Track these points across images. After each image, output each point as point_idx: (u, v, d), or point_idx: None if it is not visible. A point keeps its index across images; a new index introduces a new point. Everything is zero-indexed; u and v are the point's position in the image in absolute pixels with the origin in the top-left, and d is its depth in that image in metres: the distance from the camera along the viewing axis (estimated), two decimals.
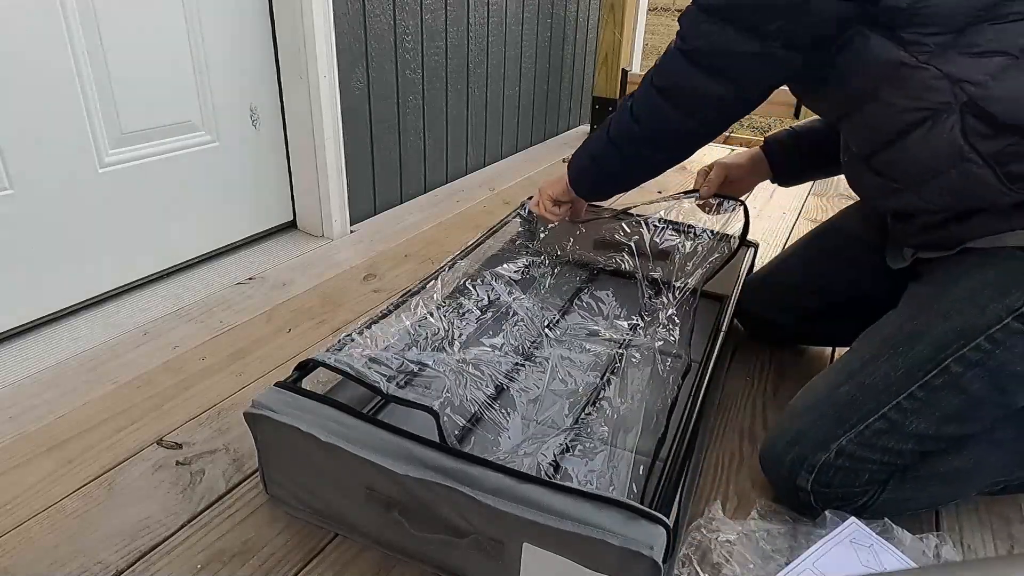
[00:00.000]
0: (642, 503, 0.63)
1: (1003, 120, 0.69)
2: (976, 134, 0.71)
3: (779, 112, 2.38)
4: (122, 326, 1.18)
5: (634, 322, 1.10)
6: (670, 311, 1.07)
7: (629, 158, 0.94)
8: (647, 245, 1.26)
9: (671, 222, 1.25)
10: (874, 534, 0.75)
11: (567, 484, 0.64)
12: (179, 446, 0.90)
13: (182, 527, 0.77)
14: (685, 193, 1.19)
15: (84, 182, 1.17)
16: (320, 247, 1.54)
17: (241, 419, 0.95)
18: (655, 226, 1.25)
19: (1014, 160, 0.70)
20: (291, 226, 1.63)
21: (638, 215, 1.30)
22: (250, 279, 1.38)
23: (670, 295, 1.10)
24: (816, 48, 0.76)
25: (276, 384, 0.77)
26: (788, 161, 1.14)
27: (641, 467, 0.87)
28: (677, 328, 1.03)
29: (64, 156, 1.13)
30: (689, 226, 1.24)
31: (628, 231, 1.30)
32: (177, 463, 0.87)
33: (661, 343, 1.02)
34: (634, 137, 0.90)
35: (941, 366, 0.74)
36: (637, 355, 1.02)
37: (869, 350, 0.81)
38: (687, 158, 0.92)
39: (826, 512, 0.78)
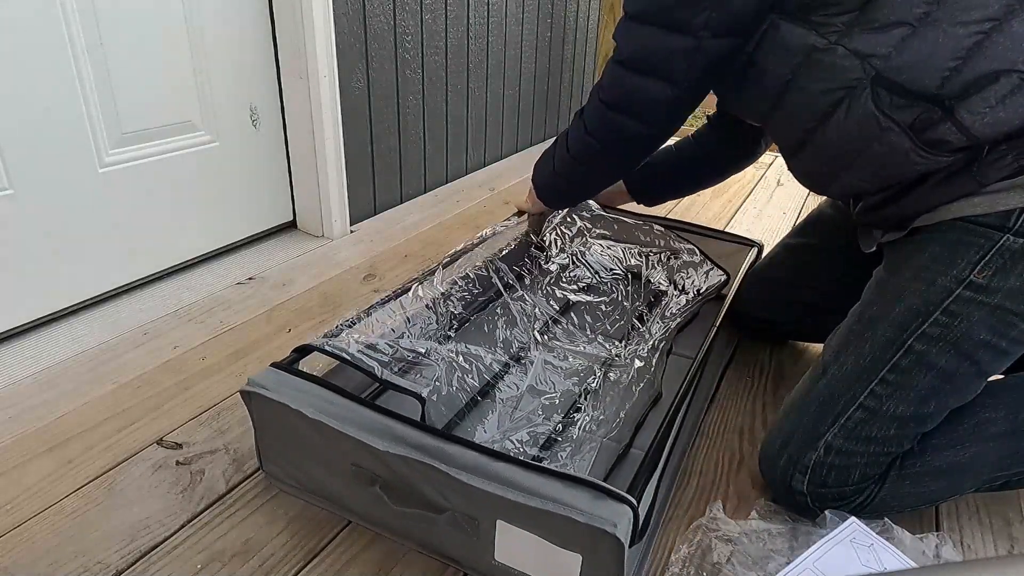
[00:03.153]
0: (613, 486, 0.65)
1: (910, 88, 0.71)
2: (890, 105, 0.72)
3: None
4: (122, 326, 1.18)
5: (617, 344, 1.14)
6: (651, 343, 1.11)
7: (590, 169, 1.00)
8: (641, 277, 1.30)
9: (668, 253, 1.30)
10: (874, 534, 0.75)
11: (539, 463, 0.66)
12: (179, 446, 0.90)
13: (182, 527, 0.77)
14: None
15: (84, 182, 1.17)
16: (320, 247, 1.54)
17: (241, 419, 0.95)
18: (652, 265, 1.31)
19: (929, 126, 0.71)
20: (291, 226, 1.63)
21: (637, 222, 1.32)
22: (250, 279, 1.38)
23: (654, 326, 1.14)
24: (740, 35, 0.79)
25: (272, 364, 0.79)
26: (643, 184, 1.26)
27: (606, 454, 0.89)
28: (655, 357, 1.07)
29: (64, 156, 1.13)
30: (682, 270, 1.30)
31: (627, 249, 1.34)
32: (177, 463, 0.87)
33: (640, 364, 1.06)
34: (592, 151, 0.96)
35: (905, 347, 0.75)
36: (613, 375, 1.05)
37: (838, 342, 0.82)
38: (645, 159, 0.98)
39: (826, 512, 0.78)
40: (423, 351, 0.95)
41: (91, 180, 1.18)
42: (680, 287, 1.26)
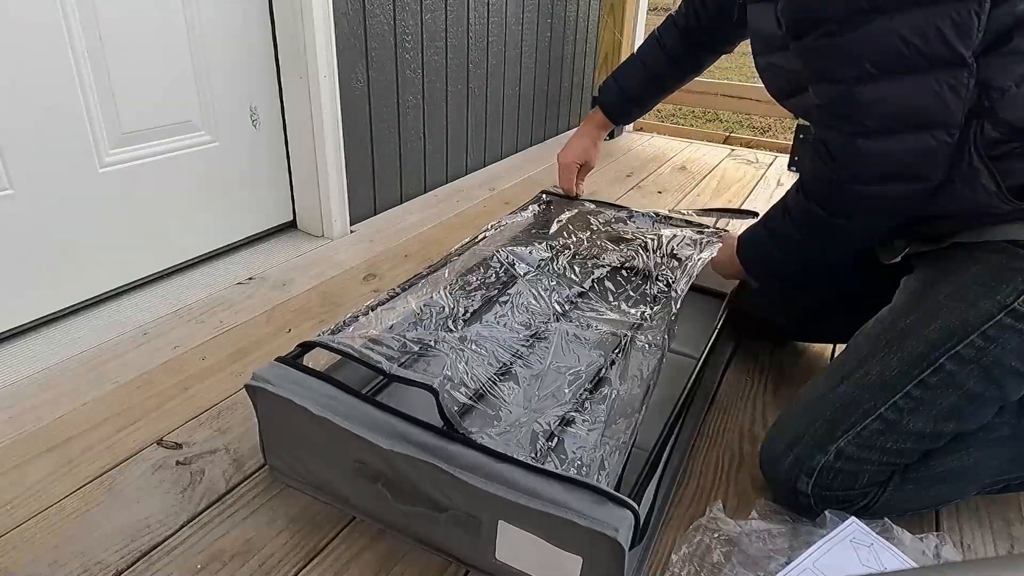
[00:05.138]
0: (618, 489, 0.65)
1: (1019, 126, 0.70)
2: (986, 142, 0.71)
3: (780, 112, 2.38)
4: (122, 326, 1.18)
5: (642, 310, 1.10)
6: (675, 307, 1.07)
7: (836, 244, 0.88)
8: (663, 248, 1.26)
9: (690, 223, 1.26)
10: (874, 534, 0.75)
11: (541, 465, 0.66)
12: (179, 446, 0.90)
13: (182, 527, 0.77)
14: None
15: (84, 182, 1.17)
16: (320, 247, 1.54)
17: (241, 419, 0.95)
18: (673, 233, 1.26)
19: (1013, 158, 0.70)
20: (291, 226, 1.63)
21: (659, 215, 1.31)
22: (250, 279, 1.38)
23: (677, 289, 1.10)
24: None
25: (276, 359, 0.79)
26: (621, 112, 1.30)
27: (620, 454, 0.87)
28: (667, 327, 1.04)
29: (64, 156, 1.13)
30: (701, 226, 1.25)
31: (644, 231, 1.31)
32: (177, 463, 0.87)
33: (652, 334, 1.03)
34: (844, 230, 0.84)
35: (936, 364, 0.74)
36: (642, 339, 1.02)
37: (863, 350, 0.81)
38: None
39: (826, 512, 0.77)
40: (431, 342, 0.92)
41: (91, 180, 1.18)
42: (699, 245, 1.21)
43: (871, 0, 0.68)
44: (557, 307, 1.10)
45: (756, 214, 1.27)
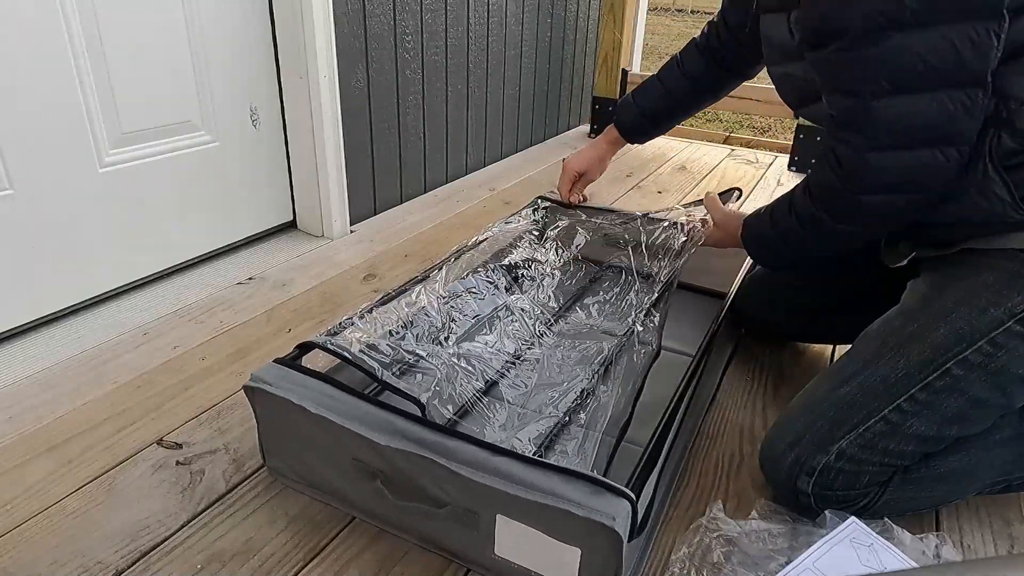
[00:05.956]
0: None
1: None
2: (1003, 153, 0.71)
3: (780, 112, 2.38)
4: (122, 326, 1.18)
5: (629, 319, 1.11)
6: (653, 300, 1.07)
7: (831, 246, 0.88)
8: (650, 244, 1.26)
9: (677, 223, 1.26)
10: (874, 534, 0.75)
11: (538, 458, 0.66)
12: (179, 446, 0.90)
13: (182, 527, 0.77)
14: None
15: (84, 182, 1.17)
16: (320, 247, 1.54)
17: (241, 419, 0.95)
18: (662, 227, 1.26)
19: None
20: (291, 226, 1.63)
21: (645, 215, 1.31)
22: (250, 279, 1.38)
23: (657, 287, 1.11)
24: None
25: (275, 360, 0.80)
26: (637, 130, 1.28)
27: (610, 449, 0.88)
28: (655, 319, 1.04)
29: (64, 156, 1.13)
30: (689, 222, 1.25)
31: (635, 230, 1.31)
32: (177, 463, 0.87)
33: (641, 332, 1.03)
34: (846, 235, 0.84)
35: (942, 369, 0.74)
36: (627, 350, 1.03)
37: (868, 351, 0.80)
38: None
39: (826, 512, 0.78)
40: (424, 354, 0.95)
41: (91, 180, 1.18)
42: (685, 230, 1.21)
43: (889, 16, 0.68)
44: (543, 326, 1.12)
45: (739, 190, 1.28)
